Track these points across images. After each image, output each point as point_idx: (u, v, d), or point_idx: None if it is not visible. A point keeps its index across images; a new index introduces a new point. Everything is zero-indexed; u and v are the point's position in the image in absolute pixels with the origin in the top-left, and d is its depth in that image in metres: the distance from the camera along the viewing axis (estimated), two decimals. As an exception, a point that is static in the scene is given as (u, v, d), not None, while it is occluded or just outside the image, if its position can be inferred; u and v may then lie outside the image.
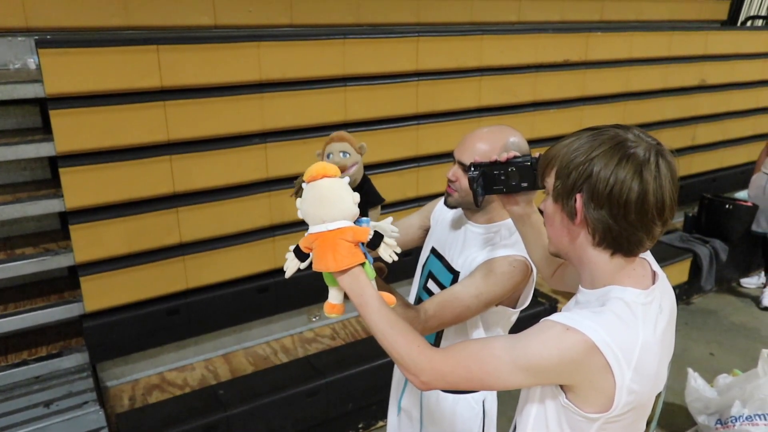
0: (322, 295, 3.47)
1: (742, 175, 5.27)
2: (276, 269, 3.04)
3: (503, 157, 1.31)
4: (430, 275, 1.71)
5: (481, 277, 1.50)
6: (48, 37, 2.71)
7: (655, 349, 1.02)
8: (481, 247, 1.58)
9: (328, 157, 1.45)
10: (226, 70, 2.70)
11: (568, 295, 4.12)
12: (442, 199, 1.78)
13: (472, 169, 1.34)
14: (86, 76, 2.40)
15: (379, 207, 1.58)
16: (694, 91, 4.83)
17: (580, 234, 1.05)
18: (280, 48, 2.82)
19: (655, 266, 1.13)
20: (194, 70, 2.62)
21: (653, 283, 1.08)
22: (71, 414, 2.39)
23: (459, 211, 1.67)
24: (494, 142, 1.51)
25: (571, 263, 1.12)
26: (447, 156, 1.61)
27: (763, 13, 6.94)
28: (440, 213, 1.77)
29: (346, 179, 1.21)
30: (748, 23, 6.85)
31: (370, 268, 1.21)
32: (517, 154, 1.32)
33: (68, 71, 2.36)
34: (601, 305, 1.03)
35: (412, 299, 1.80)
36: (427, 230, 1.81)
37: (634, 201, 0.96)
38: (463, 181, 1.53)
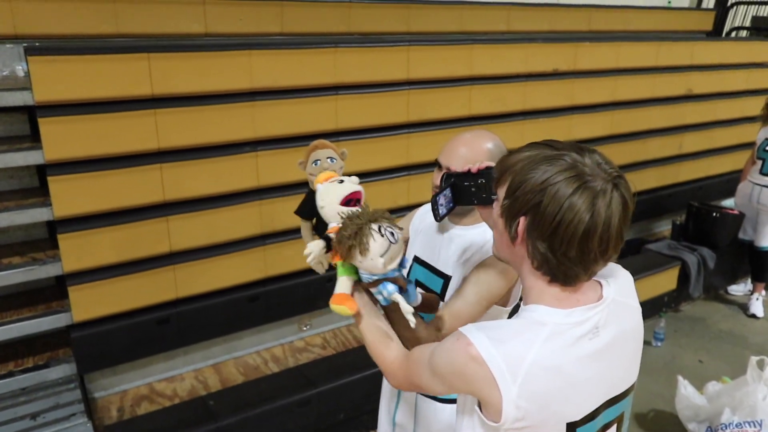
0: (312, 304, 3.47)
1: (728, 183, 5.33)
2: (267, 278, 3.03)
3: (474, 167, 1.29)
4: (418, 284, 1.70)
5: (483, 278, 1.50)
6: (37, 44, 2.69)
7: (563, 371, 0.97)
8: (472, 248, 1.58)
9: (315, 164, 1.45)
10: (217, 78, 2.69)
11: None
12: (420, 210, 1.80)
13: (444, 178, 1.34)
14: (76, 83, 2.38)
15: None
16: (681, 100, 4.89)
17: (521, 254, 1.03)
18: (272, 56, 2.81)
19: (611, 289, 1.06)
20: (185, 78, 2.61)
21: (596, 303, 1.03)
22: (58, 426, 2.35)
23: None
24: (476, 147, 1.53)
25: (515, 270, 1.12)
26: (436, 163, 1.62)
27: (747, 24, 7.06)
28: (420, 222, 1.76)
29: (354, 178, 1.27)
30: (733, 34, 6.97)
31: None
32: (491, 164, 1.29)
33: (58, 79, 2.34)
34: (514, 319, 1.03)
35: None
36: (406, 241, 1.81)
37: (579, 237, 0.93)
38: None
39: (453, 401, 1.64)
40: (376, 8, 3.86)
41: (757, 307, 4.50)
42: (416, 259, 1.72)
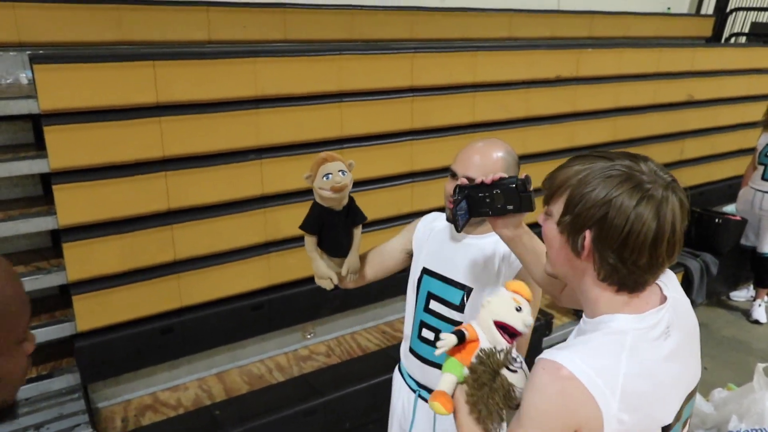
0: (316, 312, 3.45)
1: (729, 189, 5.34)
2: (271, 286, 3.01)
3: (488, 178, 1.29)
4: (431, 296, 1.69)
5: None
6: (41, 52, 2.68)
7: (654, 376, 0.97)
8: (495, 258, 1.58)
9: (326, 177, 1.43)
10: (221, 85, 2.68)
11: (564, 309, 4.16)
12: (423, 219, 1.80)
13: (457, 191, 1.33)
14: (81, 91, 2.37)
15: (361, 225, 1.60)
16: (683, 106, 4.90)
17: (585, 267, 1.02)
18: (276, 64, 2.81)
19: (669, 289, 1.08)
20: (190, 85, 2.60)
21: (661, 304, 1.03)
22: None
23: (449, 225, 1.67)
24: (490, 155, 1.55)
25: (571, 286, 1.10)
26: (442, 171, 1.63)
27: (746, 30, 7.08)
28: (425, 233, 1.75)
29: (530, 320, 1.18)
30: (732, 40, 6.99)
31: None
32: (504, 175, 1.30)
33: (63, 87, 2.33)
34: (591, 334, 1.01)
35: (409, 323, 1.77)
36: (409, 252, 1.80)
37: (649, 244, 0.94)
38: None
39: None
40: (380, 15, 3.87)
41: (760, 313, 4.50)
42: (426, 271, 1.70)
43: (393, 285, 2.31)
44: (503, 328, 1.18)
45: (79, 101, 2.37)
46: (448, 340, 1.17)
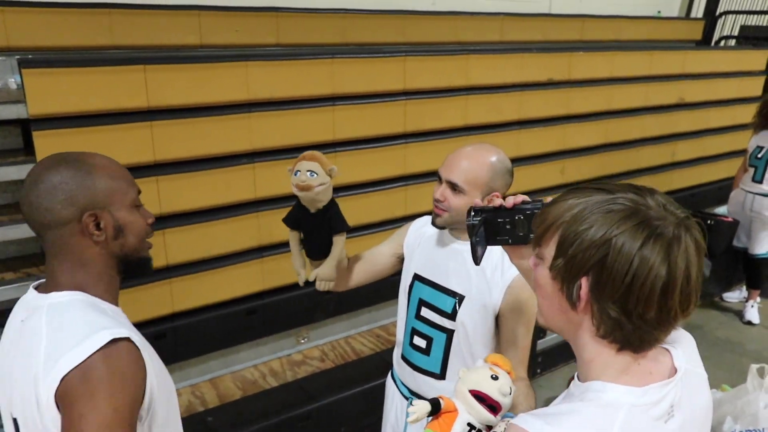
0: (310, 316, 3.43)
1: (720, 191, 5.36)
2: (264, 291, 2.99)
3: (509, 203, 1.15)
4: (422, 303, 1.67)
5: (520, 309, 1.54)
6: (30, 56, 2.66)
7: None
8: (488, 267, 1.57)
9: (295, 174, 1.43)
10: (213, 89, 2.67)
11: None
12: (413, 224, 1.77)
13: (473, 214, 1.17)
14: (71, 96, 2.35)
15: (345, 234, 1.57)
16: (674, 109, 4.93)
17: (582, 321, 0.86)
18: (268, 67, 2.80)
19: (682, 359, 0.90)
20: (181, 89, 2.59)
21: (669, 377, 0.87)
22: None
23: (440, 231, 1.65)
24: (479, 160, 1.52)
25: (566, 339, 0.94)
26: (435, 175, 1.61)
27: (735, 33, 7.14)
28: (415, 238, 1.73)
29: (507, 389, 1.16)
30: (722, 43, 7.04)
31: None
32: (526, 198, 1.16)
33: (52, 91, 2.31)
34: (577, 402, 0.86)
35: (401, 330, 1.76)
36: (399, 257, 1.78)
37: (658, 294, 0.79)
38: (453, 201, 1.53)
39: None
40: (372, 19, 3.87)
41: (752, 314, 4.51)
42: (417, 277, 1.69)
43: (387, 288, 2.30)
44: (480, 398, 1.15)
45: (68, 106, 2.35)
46: (420, 407, 1.15)
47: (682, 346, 0.92)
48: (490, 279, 1.56)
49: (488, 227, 1.17)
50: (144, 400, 1.00)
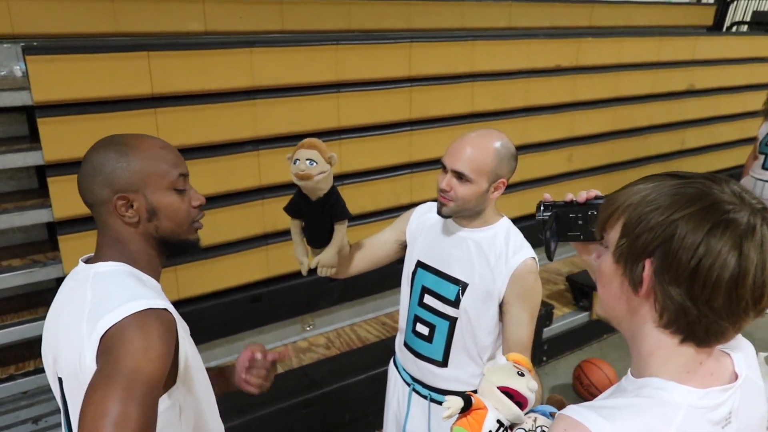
0: (315, 303, 3.43)
1: (731, 178, 5.31)
2: (269, 278, 3.00)
3: (582, 197, 1.12)
4: (426, 290, 1.66)
5: (524, 296, 1.55)
6: (35, 43, 2.66)
7: None
8: (491, 254, 1.56)
9: (294, 162, 1.41)
10: (218, 76, 2.66)
11: (565, 299, 4.13)
12: (416, 210, 1.76)
13: (542, 209, 1.14)
14: (75, 83, 2.35)
15: (346, 222, 1.55)
16: (683, 96, 4.87)
17: (643, 308, 0.82)
18: (273, 54, 2.78)
19: (743, 365, 0.85)
20: (186, 76, 2.58)
21: (730, 383, 0.83)
22: (60, 430, 2.32)
23: (444, 219, 1.63)
24: (483, 147, 1.50)
25: (623, 334, 0.89)
26: (440, 162, 1.59)
27: (747, 19, 7.04)
28: (419, 224, 1.72)
29: (534, 384, 1.15)
30: (734, 29, 6.95)
31: None
32: (599, 193, 1.12)
33: (57, 78, 2.31)
34: (632, 398, 0.82)
35: (404, 317, 1.75)
36: (401, 244, 1.76)
37: (726, 282, 0.74)
38: (459, 191, 1.51)
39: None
40: (377, 5, 3.83)
41: (761, 303, 4.48)
42: (421, 264, 1.68)
43: (392, 276, 2.29)
44: (508, 395, 1.14)
45: (73, 93, 2.35)
46: (455, 402, 1.13)
47: (743, 353, 0.88)
48: (494, 266, 1.55)
49: (559, 222, 1.14)
50: (179, 366, 1.04)
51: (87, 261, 1.14)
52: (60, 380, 1.08)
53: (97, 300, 1.01)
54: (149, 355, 0.94)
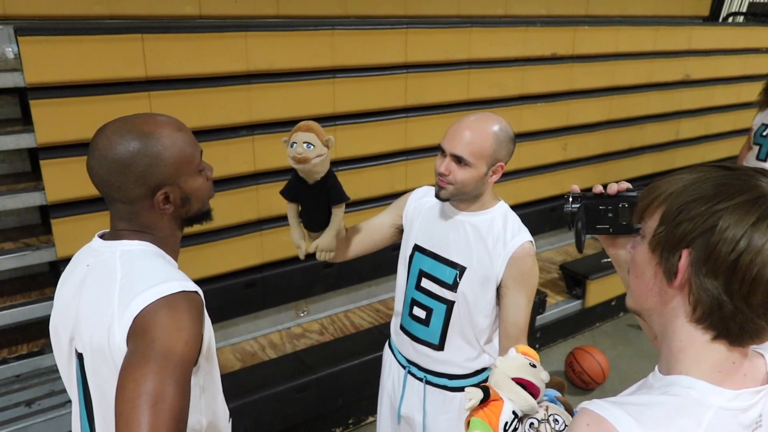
0: (309, 290, 3.43)
1: None
2: (264, 264, 3.00)
3: (612, 189, 1.09)
4: (423, 274, 1.67)
5: (522, 279, 1.56)
6: (27, 24, 2.63)
7: None
8: (490, 238, 1.56)
9: (291, 146, 1.41)
10: (212, 60, 2.64)
11: (558, 288, 4.16)
12: (413, 194, 1.76)
13: (570, 200, 1.12)
14: (68, 65, 2.32)
15: (343, 205, 1.55)
16: (678, 86, 4.87)
17: (675, 300, 0.78)
18: (268, 38, 2.76)
19: None
20: (180, 60, 2.56)
21: (763, 384, 0.79)
22: (53, 413, 2.33)
23: (441, 202, 1.64)
24: (482, 131, 1.50)
25: (652, 328, 0.86)
26: (436, 149, 1.59)
27: (743, 9, 7.03)
28: (415, 208, 1.72)
29: (546, 375, 1.16)
30: (729, 19, 6.94)
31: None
32: (629, 186, 1.09)
33: (49, 60, 2.28)
34: (659, 395, 0.78)
35: (400, 300, 1.76)
36: (398, 228, 1.76)
37: (766, 279, 0.71)
38: (458, 175, 1.51)
39: (462, 389, 1.63)
40: (374, -10, 3.81)
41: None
42: (418, 248, 1.68)
43: (386, 263, 2.30)
44: (522, 386, 1.15)
45: (66, 75, 2.33)
46: (476, 394, 1.13)
47: None
48: (492, 250, 1.55)
49: (587, 214, 1.11)
50: (203, 348, 1.05)
51: (103, 237, 1.13)
52: (80, 356, 1.07)
53: (128, 279, 1.01)
54: (183, 336, 0.95)
